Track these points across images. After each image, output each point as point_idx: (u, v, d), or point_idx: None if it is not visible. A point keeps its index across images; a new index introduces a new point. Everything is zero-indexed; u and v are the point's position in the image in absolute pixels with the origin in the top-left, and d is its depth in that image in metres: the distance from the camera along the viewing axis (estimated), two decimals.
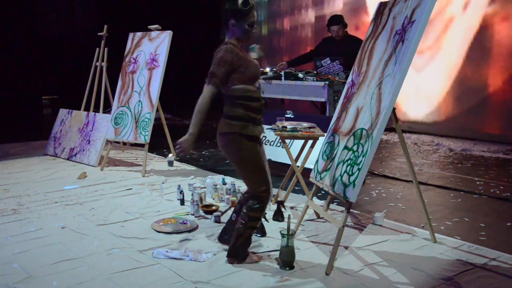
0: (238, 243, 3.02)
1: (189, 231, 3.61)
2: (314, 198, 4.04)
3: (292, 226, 3.28)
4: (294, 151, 4.25)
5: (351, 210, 3.11)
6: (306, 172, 4.00)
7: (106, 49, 6.37)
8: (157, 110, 5.56)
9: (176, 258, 3.11)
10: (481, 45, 7.17)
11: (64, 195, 4.57)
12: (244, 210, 3.01)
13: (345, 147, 3.14)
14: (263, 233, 3.50)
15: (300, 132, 3.96)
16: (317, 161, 3.47)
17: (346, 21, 5.45)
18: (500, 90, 7.03)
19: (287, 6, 10.43)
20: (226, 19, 2.91)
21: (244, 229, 2.99)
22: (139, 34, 5.89)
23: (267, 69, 5.59)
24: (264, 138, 5.68)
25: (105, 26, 6.32)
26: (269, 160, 5.42)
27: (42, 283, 2.81)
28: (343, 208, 4.03)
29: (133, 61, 5.78)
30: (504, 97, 6.98)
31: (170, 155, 5.89)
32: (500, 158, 6.21)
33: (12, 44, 7.99)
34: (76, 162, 5.97)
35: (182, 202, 4.28)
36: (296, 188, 4.40)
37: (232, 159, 3.00)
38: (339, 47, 5.37)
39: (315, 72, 5.16)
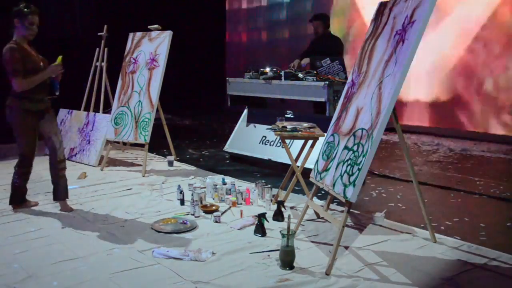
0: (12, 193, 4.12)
1: (189, 231, 3.61)
2: (314, 198, 4.04)
3: (292, 226, 3.28)
4: (294, 151, 4.25)
5: (351, 210, 3.11)
6: (306, 172, 4.00)
7: (106, 49, 6.37)
8: (157, 110, 5.56)
9: (176, 258, 3.11)
10: None
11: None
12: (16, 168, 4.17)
13: (345, 147, 3.14)
14: (263, 233, 3.50)
15: (300, 132, 3.96)
16: (317, 161, 3.47)
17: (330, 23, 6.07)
18: None
19: None
20: (12, 20, 3.81)
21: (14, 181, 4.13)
22: (139, 34, 5.88)
23: (267, 69, 5.59)
24: (264, 138, 5.68)
25: (105, 26, 6.32)
26: (269, 160, 5.46)
27: (42, 283, 2.81)
28: (343, 208, 4.03)
29: (133, 61, 5.78)
30: None
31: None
32: (500, 158, 6.21)
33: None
34: (76, 162, 5.97)
35: (182, 202, 4.28)
36: (296, 188, 4.40)
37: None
38: (320, 44, 5.88)
39: (315, 72, 5.16)
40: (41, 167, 5.74)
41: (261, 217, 3.52)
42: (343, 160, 3.10)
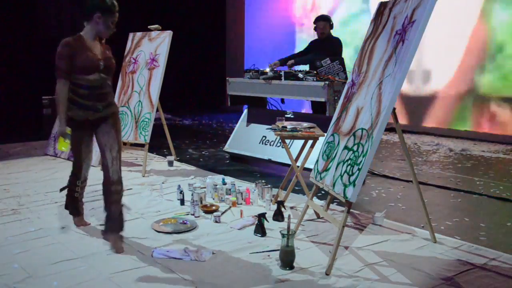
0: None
1: (189, 231, 3.61)
2: (314, 198, 4.04)
3: (292, 226, 3.28)
4: (294, 151, 4.25)
5: (351, 210, 3.11)
6: (306, 172, 4.00)
7: None
8: (157, 110, 5.56)
9: (176, 258, 3.11)
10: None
11: (64, 195, 4.54)
12: None
13: (345, 147, 3.14)
14: (263, 233, 3.50)
15: (300, 132, 3.96)
16: (317, 161, 3.47)
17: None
18: None
19: None
20: (90, 12, 3.24)
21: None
22: (139, 34, 5.88)
23: (267, 69, 5.60)
24: (264, 138, 5.68)
25: None
26: (269, 160, 5.46)
27: (42, 283, 2.81)
28: (343, 208, 4.03)
29: (133, 61, 5.78)
30: None
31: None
32: (500, 158, 6.21)
33: (12, 44, 7.98)
34: None
35: (182, 202, 4.28)
36: (296, 188, 4.40)
37: None
38: (321, 46, 5.84)
39: (315, 72, 5.17)
40: (41, 167, 5.75)
41: (261, 217, 3.52)
42: (343, 160, 3.10)
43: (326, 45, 5.84)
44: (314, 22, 6.03)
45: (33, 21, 8.44)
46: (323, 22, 5.90)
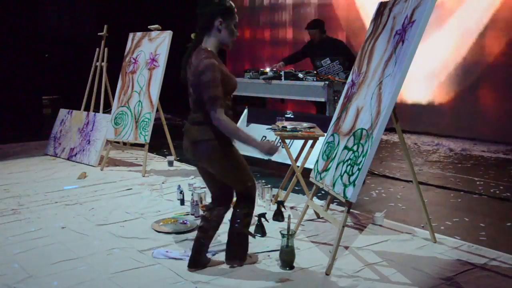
0: (237, 244, 3.02)
1: (189, 231, 3.61)
2: (314, 198, 4.04)
3: (292, 226, 3.28)
4: (294, 151, 4.25)
5: (351, 210, 3.11)
6: (306, 172, 4.00)
7: (106, 49, 6.37)
8: (157, 110, 5.56)
9: (176, 258, 3.11)
10: None
11: (64, 195, 4.56)
12: (237, 210, 3.01)
13: (345, 147, 3.14)
14: (263, 233, 3.50)
15: (300, 132, 3.96)
16: (317, 161, 3.47)
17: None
18: None
19: None
20: (209, 19, 2.78)
21: (242, 228, 3.00)
22: (139, 34, 5.88)
23: (267, 69, 5.60)
24: (264, 138, 5.68)
25: (105, 26, 6.32)
26: (269, 160, 5.46)
27: (42, 283, 2.81)
28: (343, 208, 4.02)
29: (133, 61, 5.78)
30: None
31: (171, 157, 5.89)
32: (500, 158, 6.21)
33: (12, 44, 7.98)
34: (76, 162, 5.97)
35: (182, 202, 4.28)
36: (296, 188, 4.40)
37: (218, 166, 2.88)
38: (319, 49, 5.87)
39: (315, 72, 5.17)
40: (41, 167, 5.75)
41: (261, 217, 3.52)
42: (343, 160, 3.10)
43: (323, 48, 5.87)
44: (306, 28, 6.12)
45: (33, 21, 8.43)
46: (313, 31, 6.01)
